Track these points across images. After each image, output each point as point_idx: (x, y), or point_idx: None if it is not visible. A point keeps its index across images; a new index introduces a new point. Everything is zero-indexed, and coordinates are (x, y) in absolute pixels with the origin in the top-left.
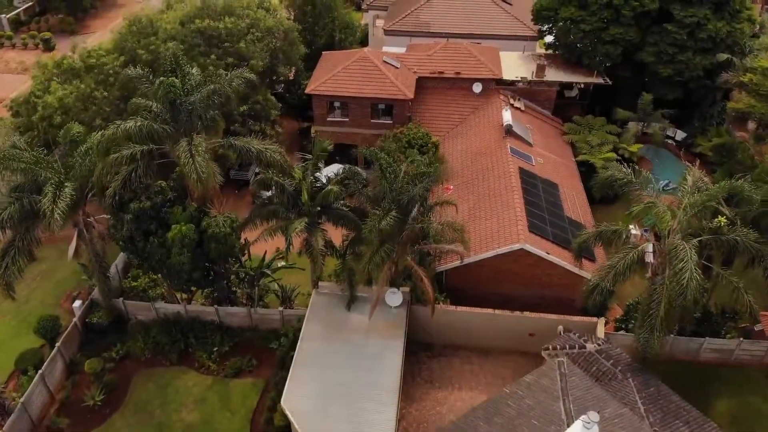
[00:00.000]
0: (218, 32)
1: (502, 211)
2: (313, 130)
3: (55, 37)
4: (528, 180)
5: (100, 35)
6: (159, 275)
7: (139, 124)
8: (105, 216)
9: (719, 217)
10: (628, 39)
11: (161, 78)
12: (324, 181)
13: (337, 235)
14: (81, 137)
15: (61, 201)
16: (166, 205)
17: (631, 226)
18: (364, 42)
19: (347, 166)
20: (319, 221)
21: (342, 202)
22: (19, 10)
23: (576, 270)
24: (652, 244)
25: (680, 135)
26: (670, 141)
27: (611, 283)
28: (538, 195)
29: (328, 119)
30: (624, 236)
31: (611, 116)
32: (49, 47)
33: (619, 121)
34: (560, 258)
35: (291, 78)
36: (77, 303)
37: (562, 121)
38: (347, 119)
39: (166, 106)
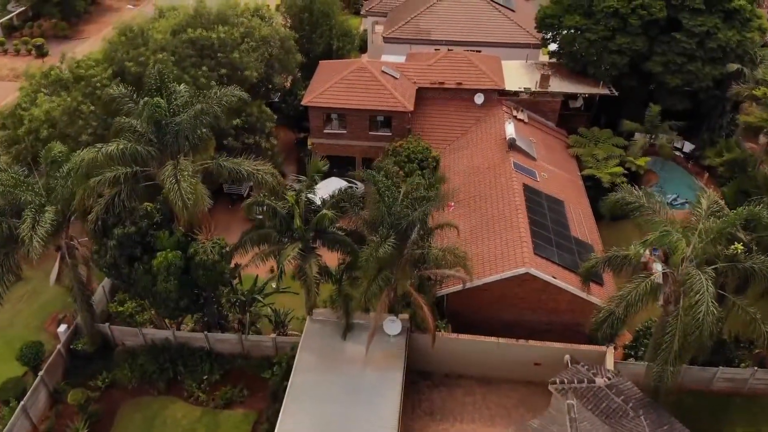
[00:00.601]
0: (211, 42)
1: (505, 232)
2: (309, 142)
3: (48, 42)
4: (532, 197)
5: (93, 41)
6: (146, 301)
7: (121, 146)
8: (89, 239)
9: (735, 243)
10: (635, 49)
11: (145, 99)
12: (319, 201)
13: (332, 257)
14: (63, 157)
15: (40, 227)
16: (152, 228)
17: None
18: (363, 48)
19: (343, 186)
20: (314, 246)
21: (338, 224)
22: (12, 14)
23: (584, 295)
24: (663, 271)
25: (688, 146)
26: (677, 153)
27: (623, 315)
28: (543, 213)
29: (325, 131)
30: (635, 262)
31: (617, 126)
32: (41, 54)
33: (625, 132)
34: (567, 282)
35: (288, 87)
36: (62, 327)
37: (566, 133)
38: (345, 131)
39: (151, 126)
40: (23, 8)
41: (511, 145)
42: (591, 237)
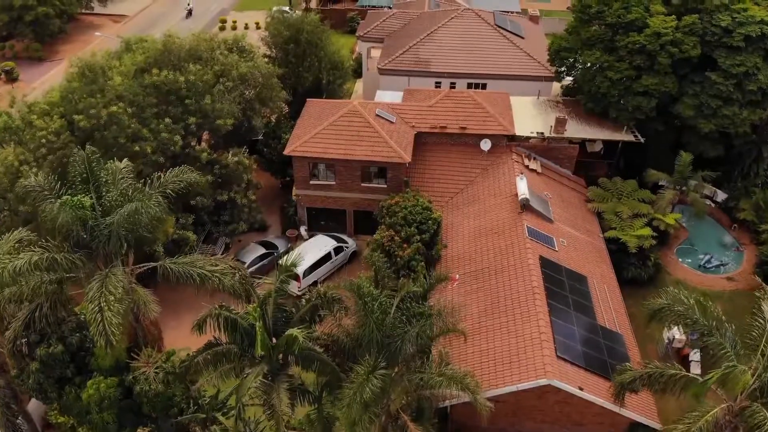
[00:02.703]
0: (178, 87)
1: (521, 323)
2: (294, 193)
3: (20, 65)
4: (551, 275)
5: (67, 67)
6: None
7: (35, 259)
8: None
9: None
10: (663, 90)
11: (64, 197)
12: (301, 269)
13: None
14: None
15: None
16: (87, 341)
17: (675, 328)
18: (358, 71)
19: (331, 246)
20: (283, 363)
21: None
22: None
23: (616, 409)
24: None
25: (720, 195)
26: (708, 202)
27: None
28: (564, 297)
29: (312, 183)
30: (683, 381)
31: (639, 172)
32: (11, 78)
33: (650, 182)
34: (595, 391)
35: (272, 121)
36: None
37: (584, 182)
38: (334, 183)
39: (77, 227)
40: None
41: (524, 206)
42: (619, 319)
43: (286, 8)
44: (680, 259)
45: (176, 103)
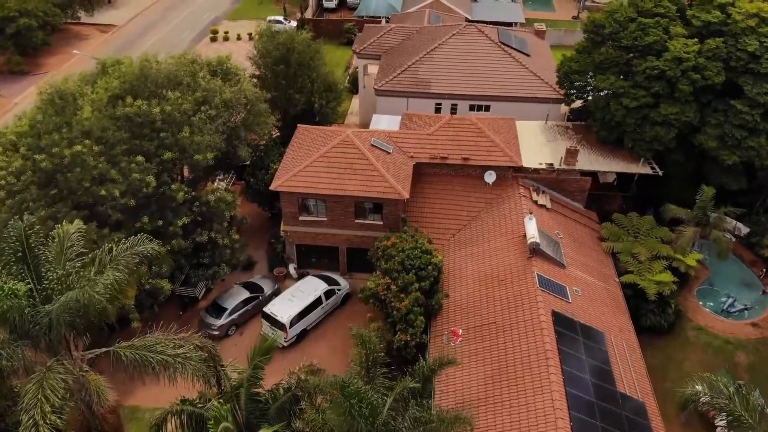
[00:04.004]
0: (153, 118)
1: (533, 395)
2: (282, 230)
3: (1, 80)
4: (565, 333)
5: (53, 77)
6: None
7: None
8: None
9: None
10: (684, 120)
11: None
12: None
13: None
14: None
15: None
16: None
17: (698, 387)
18: (354, 89)
19: (321, 290)
20: None
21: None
22: None
23: None
24: None
25: (742, 229)
26: (728, 236)
27: None
28: (579, 360)
29: (301, 219)
30: None
31: (655, 203)
32: None
33: (668, 218)
34: None
35: (262, 146)
36: None
37: (597, 216)
38: (325, 219)
39: (13, 316)
40: None
41: (534, 251)
42: (639, 381)
43: (280, 18)
44: (701, 302)
45: (151, 135)
